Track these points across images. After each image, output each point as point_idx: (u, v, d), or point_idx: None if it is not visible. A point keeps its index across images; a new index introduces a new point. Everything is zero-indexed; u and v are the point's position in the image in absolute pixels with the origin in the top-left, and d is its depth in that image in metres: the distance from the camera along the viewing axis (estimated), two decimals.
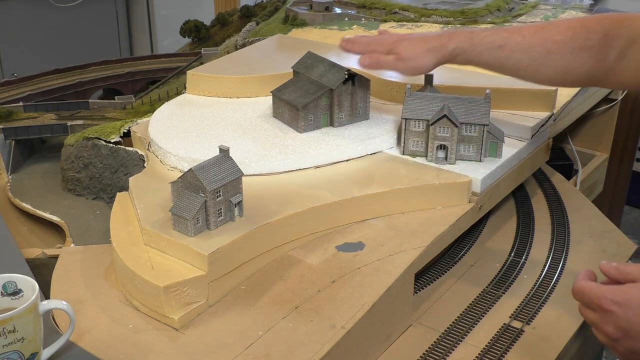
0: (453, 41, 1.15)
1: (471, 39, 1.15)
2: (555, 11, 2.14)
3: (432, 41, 1.16)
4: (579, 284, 0.83)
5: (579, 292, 0.83)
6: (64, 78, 2.03)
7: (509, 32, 1.14)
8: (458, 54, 1.15)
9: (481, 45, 1.14)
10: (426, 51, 1.16)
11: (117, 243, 1.02)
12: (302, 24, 1.99)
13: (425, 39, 1.17)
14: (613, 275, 0.83)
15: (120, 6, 3.59)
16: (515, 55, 1.12)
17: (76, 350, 0.89)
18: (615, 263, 0.83)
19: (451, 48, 1.15)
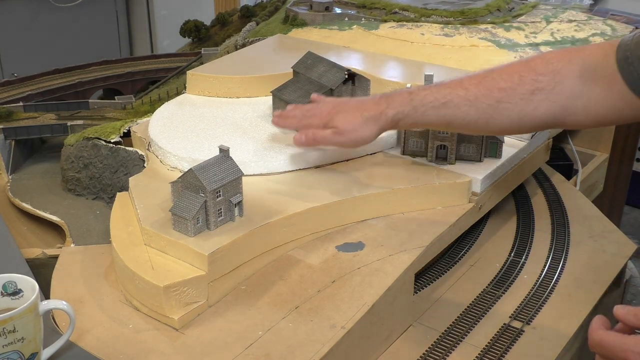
0: (392, 107, 1.08)
1: (411, 100, 1.07)
2: (555, 11, 2.14)
3: (370, 109, 1.09)
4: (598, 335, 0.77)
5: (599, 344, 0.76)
6: (64, 78, 2.03)
7: (451, 87, 1.06)
8: (400, 119, 1.08)
9: (423, 106, 1.06)
10: (365, 121, 1.09)
11: (117, 243, 1.02)
12: (302, 24, 1.99)
13: (362, 107, 1.10)
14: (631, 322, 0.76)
15: (120, 6, 3.59)
16: (462, 111, 1.04)
17: (76, 350, 0.89)
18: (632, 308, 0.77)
19: (391, 114, 1.08)
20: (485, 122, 1.05)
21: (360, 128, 1.09)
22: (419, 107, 1.06)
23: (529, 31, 1.93)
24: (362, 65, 1.60)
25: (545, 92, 1.01)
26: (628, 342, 0.74)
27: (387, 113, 1.08)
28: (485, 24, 1.95)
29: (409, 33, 1.87)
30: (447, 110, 1.05)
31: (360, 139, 1.10)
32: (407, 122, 1.08)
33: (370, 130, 1.09)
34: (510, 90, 1.02)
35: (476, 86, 1.05)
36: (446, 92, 1.06)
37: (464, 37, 1.85)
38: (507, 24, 1.97)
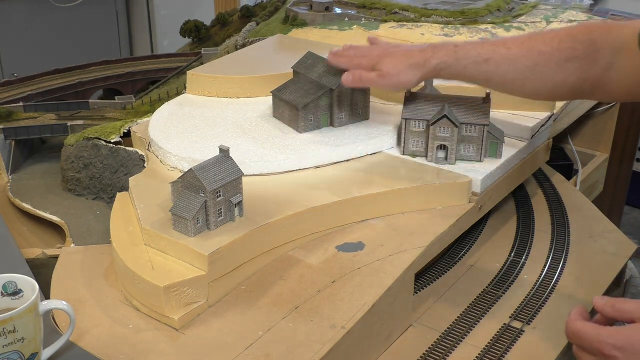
0: (436, 56, 1.12)
1: (455, 52, 1.12)
2: (555, 11, 2.14)
3: (416, 56, 1.14)
4: (574, 325, 0.79)
5: (575, 334, 0.79)
6: (64, 78, 2.03)
7: (494, 45, 1.11)
8: (442, 68, 1.13)
9: (466, 59, 1.11)
10: (409, 67, 1.14)
11: (117, 243, 1.02)
12: (302, 24, 1.99)
13: (409, 53, 1.15)
14: (609, 314, 0.79)
15: (120, 6, 3.59)
16: (501, 69, 1.09)
17: (76, 350, 0.89)
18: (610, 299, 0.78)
19: (434, 63, 1.12)
20: (522, 82, 1.10)
21: (404, 73, 1.14)
22: (462, 59, 1.11)
23: (529, 31, 1.93)
24: None
25: (580, 60, 1.05)
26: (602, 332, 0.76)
27: (430, 61, 1.12)
28: (485, 24, 1.95)
29: (409, 33, 1.87)
30: (488, 67, 1.10)
31: (401, 83, 1.16)
32: (448, 72, 1.13)
33: (413, 75, 1.14)
34: (548, 54, 1.07)
35: (518, 46, 1.09)
36: (490, 48, 1.11)
37: (464, 37, 1.84)
38: (507, 24, 1.97)
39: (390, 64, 1.15)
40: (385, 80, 1.15)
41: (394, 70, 1.14)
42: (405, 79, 1.14)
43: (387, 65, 1.15)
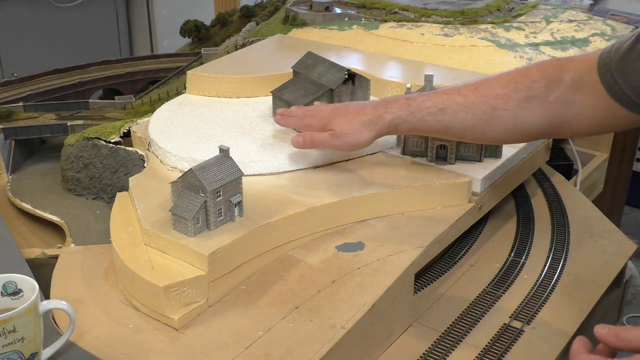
0: (390, 111, 1.09)
1: (409, 105, 1.08)
2: (555, 11, 2.14)
3: (368, 113, 1.10)
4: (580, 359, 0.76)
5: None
6: (64, 78, 2.03)
7: (448, 94, 1.07)
8: (397, 123, 1.09)
9: (420, 112, 1.07)
10: (362, 125, 1.10)
11: (117, 243, 1.02)
12: (302, 24, 1.99)
13: (362, 111, 1.11)
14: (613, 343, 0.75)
15: (120, 6, 3.59)
16: (459, 117, 1.05)
17: (76, 350, 0.89)
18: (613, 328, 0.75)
19: (389, 119, 1.09)
20: (482, 129, 1.06)
21: (358, 132, 1.10)
22: (416, 112, 1.07)
23: (529, 31, 1.93)
24: (362, 65, 1.60)
25: (540, 99, 1.02)
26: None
27: (384, 117, 1.09)
28: (485, 24, 1.95)
29: (409, 33, 1.87)
30: (445, 116, 1.06)
31: (356, 142, 1.11)
32: (404, 127, 1.10)
33: (367, 134, 1.10)
34: (505, 97, 1.03)
35: (473, 92, 1.06)
36: (444, 97, 1.07)
37: (464, 37, 1.85)
38: (507, 24, 1.97)
39: (342, 123, 1.12)
40: (339, 140, 1.12)
41: (348, 130, 1.11)
42: (360, 138, 1.11)
43: (340, 124, 1.12)
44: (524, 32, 1.92)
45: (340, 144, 1.13)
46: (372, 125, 1.10)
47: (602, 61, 0.98)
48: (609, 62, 0.97)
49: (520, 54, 1.78)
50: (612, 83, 0.96)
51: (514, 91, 1.03)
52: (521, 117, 1.03)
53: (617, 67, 0.96)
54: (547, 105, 1.02)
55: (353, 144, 1.12)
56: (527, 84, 1.03)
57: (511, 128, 1.05)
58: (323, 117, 1.15)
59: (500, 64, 1.71)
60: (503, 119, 1.04)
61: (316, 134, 1.14)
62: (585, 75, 1.00)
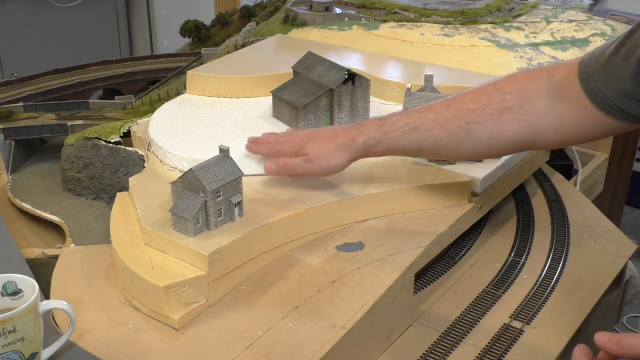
0: (363, 133, 1.07)
1: (381, 126, 1.06)
2: (555, 11, 2.14)
3: (341, 136, 1.08)
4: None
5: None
6: (64, 78, 2.03)
7: (421, 112, 1.06)
8: (371, 145, 1.07)
9: (394, 132, 1.05)
10: (336, 148, 1.07)
11: (117, 243, 1.02)
12: (302, 24, 1.99)
13: (334, 134, 1.09)
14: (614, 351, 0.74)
15: (120, 6, 3.59)
16: (433, 134, 1.04)
17: (76, 350, 0.89)
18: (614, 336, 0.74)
19: (362, 141, 1.06)
20: (457, 145, 1.04)
21: (331, 155, 1.08)
22: (390, 132, 1.06)
23: (529, 31, 1.93)
24: (362, 65, 1.60)
25: (514, 110, 1.00)
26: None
27: (357, 140, 1.07)
28: (485, 24, 1.95)
29: (409, 33, 1.87)
30: (419, 135, 1.04)
31: (330, 166, 1.09)
32: (378, 149, 1.07)
33: (341, 157, 1.08)
34: (479, 110, 1.02)
35: (446, 109, 1.04)
36: (416, 116, 1.06)
37: (464, 37, 1.85)
38: (507, 24, 1.97)
39: (315, 148, 1.09)
40: (312, 165, 1.08)
41: (321, 154, 1.08)
42: (333, 161, 1.08)
43: (312, 149, 1.09)
44: (524, 32, 1.92)
45: (313, 168, 1.09)
46: (345, 148, 1.07)
47: (583, 68, 0.97)
48: (590, 69, 0.95)
49: (520, 54, 1.78)
50: (594, 90, 0.94)
51: (487, 104, 1.02)
52: (496, 131, 1.01)
53: (600, 74, 0.94)
54: (521, 117, 1.00)
55: (326, 167, 1.09)
56: (499, 97, 1.01)
57: (486, 142, 1.03)
58: (295, 142, 1.12)
59: (500, 64, 1.71)
60: (478, 133, 1.02)
61: (289, 159, 1.11)
62: (563, 84, 0.98)
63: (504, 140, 1.03)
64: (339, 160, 1.08)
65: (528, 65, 1.73)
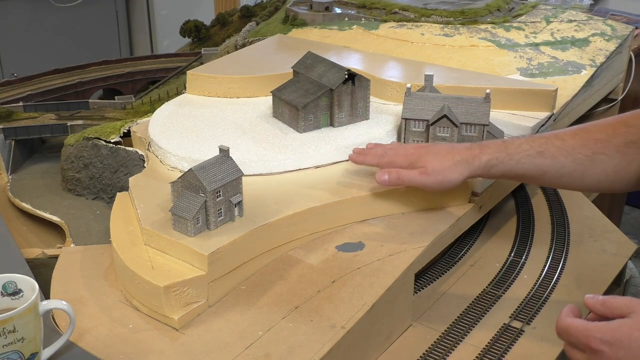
0: (486, 152, 1.07)
1: (506, 147, 1.07)
2: (555, 11, 2.14)
3: (462, 153, 1.08)
4: (564, 321, 0.79)
5: (565, 331, 0.78)
6: (64, 78, 2.03)
7: (546, 138, 1.06)
8: (493, 165, 1.06)
9: (518, 154, 1.05)
10: (455, 164, 1.07)
11: (117, 243, 1.02)
12: (302, 24, 2.00)
13: (454, 151, 1.09)
14: (599, 311, 0.78)
15: (120, 6, 3.59)
16: (558, 161, 1.04)
17: (76, 350, 0.89)
18: (601, 297, 0.78)
19: (485, 160, 1.06)
20: (581, 174, 1.04)
21: (449, 170, 1.07)
22: (514, 154, 1.06)
23: (529, 31, 1.93)
24: (362, 65, 1.60)
25: (638, 145, 1.01)
26: (590, 327, 0.76)
27: (480, 158, 1.07)
28: (485, 24, 1.95)
29: (409, 33, 1.87)
30: (544, 160, 1.05)
31: (446, 181, 1.08)
32: (500, 169, 1.07)
33: (459, 174, 1.07)
34: (605, 141, 1.03)
35: (572, 137, 1.05)
36: (542, 141, 1.06)
37: (464, 37, 1.85)
38: (507, 24, 1.97)
39: (434, 161, 1.08)
40: (429, 177, 1.08)
41: (439, 167, 1.07)
42: (450, 177, 1.07)
43: (431, 162, 1.08)
44: (524, 32, 1.92)
45: (430, 181, 1.08)
46: (465, 164, 1.07)
47: None
48: None
49: (520, 54, 1.78)
50: None
51: (613, 136, 1.02)
52: (622, 164, 1.02)
53: None
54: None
55: (442, 182, 1.08)
56: (624, 129, 1.02)
57: (611, 175, 1.03)
58: (408, 154, 1.11)
59: (500, 64, 1.71)
60: (604, 164, 1.03)
61: (404, 171, 1.10)
62: None
63: (630, 175, 1.03)
64: (455, 176, 1.07)
65: (528, 65, 1.73)
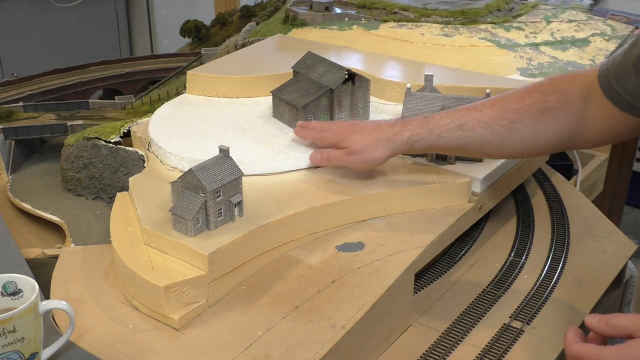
0: (407, 129, 1.09)
1: (427, 123, 1.09)
2: (555, 11, 2.14)
3: (385, 131, 1.11)
4: (574, 348, 0.77)
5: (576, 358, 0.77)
6: (64, 78, 2.03)
7: (465, 110, 1.09)
8: (415, 141, 1.09)
9: (439, 128, 1.08)
10: (377, 142, 1.10)
11: (117, 243, 1.02)
12: (302, 24, 2.00)
13: (377, 128, 1.12)
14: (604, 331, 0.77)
15: (120, 6, 3.59)
16: (477, 132, 1.07)
17: (76, 350, 0.89)
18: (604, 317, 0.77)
19: (407, 136, 1.09)
20: (499, 143, 1.07)
21: (372, 149, 1.11)
22: (435, 129, 1.08)
23: (529, 31, 1.93)
24: (362, 65, 1.60)
25: (554, 111, 1.04)
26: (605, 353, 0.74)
27: (402, 134, 1.09)
28: (485, 24, 1.95)
29: (409, 33, 1.87)
30: (464, 132, 1.07)
31: (370, 160, 1.12)
32: (422, 144, 1.10)
33: (383, 151, 1.11)
34: (521, 110, 1.05)
35: (490, 108, 1.08)
36: (461, 114, 1.09)
37: (464, 37, 1.85)
38: (507, 24, 1.97)
39: (357, 140, 1.12)
40: (352, 157, 1.12)
41: (362, 146, 1.11)
42: (374, 155, 1.11)
43: (354, 141, 1.12)
44: (524, 32, 1.92)
45: (353, 160, 1.13)
46: (387, 142, 1.10)
47: (601, 71, 1.02)
48: (607, 70, 1.00)
49: (520, 54, 1.78)
50: (610, 90, 0.99)
51: (529, 105, 1.05)
52: (539, 130, 1.05)
53: (614, 74, 0.99)
54: (561, 117, 1.04)
55: (366, 161, 1.12)
56: (540, 97, 1.05)
57: (528, 141, 1.07)
58: (339, 131, 1.15)
59: (500, 64, 1.71)
60: (520, 132, 1.06)
61: (332, 151, 1.15)
62: (591, 87, 1.03)
63: (544, 140, 1.06)
64: (379, 154, 1.11)
65: (528, 65, 1.73)
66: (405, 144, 1.10)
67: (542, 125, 1.05)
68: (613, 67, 1.00)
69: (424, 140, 1.09)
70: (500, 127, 1.06)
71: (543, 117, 1.04)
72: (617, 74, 0.99)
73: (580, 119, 1.04)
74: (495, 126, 1.06)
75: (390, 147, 1.10)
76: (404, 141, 1.10)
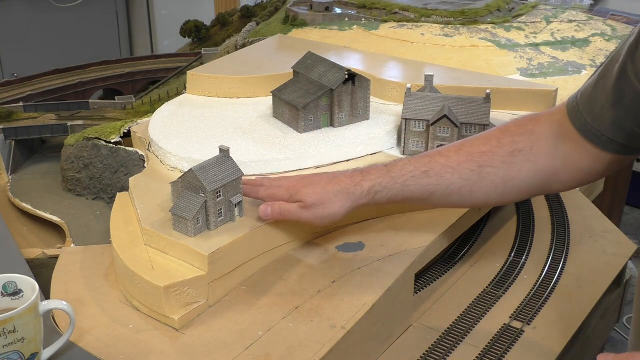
0: (368, 178, 1.01)
1: (388, 171, 1.01)
2: (555, 11, 2.14)
3: (343, 182, 1.01)
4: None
5: None
6: (64, 78, 2.04)
7: (430, 156, 1.02)
8: (377, 191, 1.00)
9: (403, 176, 1.00)
10: (335, 194, 1.00)
11: (117, 243, 1.02)
12: (302, 24, 2.00)
13: (335, 180, 1.01)
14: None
15: (120, 6, 3.59)
16: (445, 178, 1.00)
17: (76, 350, 0.89)
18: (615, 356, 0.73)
19: (367, 186, 1.00)
20: (469, 189, 1.01)
21: (329, 202, 1.00)
22: (398, 177, 1.01)
23: (529, 31, 1.93)
24: (362, 65, 1.60)
25: (524, 152, 0.99)
26: None
27: (362, 185, 1.01)
28: (485, 24, 1.95)
29: (409, 33, 1.87)
30: (430, 179, 1.01)
31: (327, 214, 1.00)
32: (385, 194, 1.01)
33: (341, 205, 1.00)
34: (490, 153, 1.00)
35: (456, 153, 1.01)
36: (425, 160, 1.02)
37: (464, 37, 1.85)
38: (507, 24, 1.97)
39: (312, 193, 1.00)
40: (307, 212, 1.00)
41: (317, 200, 1.00)
42: (331, 209, 1.00)
43: (309, 195, 1.00)
44: (524, 32, 1.92)
45: (308, 215, 1.01)
46: (346, 194, 1.00)
47: (571, 105, 0.97)
48: (577, 106, 0.95)
49: (520, 54, 1.79)
50: (582, 124, 0.94)
51: (498, 147, 1.00)
52: (510, 173, 0.99)
53: (587, 109, 0.94)
54: (532, 159, 0.99)
55: (322, 215, 1.01)
56: (509, 139, 1.00)
57: (500, 186, 1.00)
58: (289, 186, 1.03)
59: (500, 64, 1.71)
60: (491, 176, 0.99)
61: (285, 204, 1.02)
62: (561, 125, 0.98)
63: (519, 183, 1.00)
64: (336, 207, 1.00)
65: (528, 65, 1.73)
66: (366, 194, 1.01)
67: (514, 168, 0.99)
68: (584, 101, 0.95)
69: (386, 189, 1.01)
70: (469, 171, 1.00)
71: (514, 159, 0.99)
72: (590, 109, 0.93)
73: (553, 160, 0.98)
74: (463, 171, 1.00)
75: (349, 200, 1.00)
76: (364, 192, 1.00)
